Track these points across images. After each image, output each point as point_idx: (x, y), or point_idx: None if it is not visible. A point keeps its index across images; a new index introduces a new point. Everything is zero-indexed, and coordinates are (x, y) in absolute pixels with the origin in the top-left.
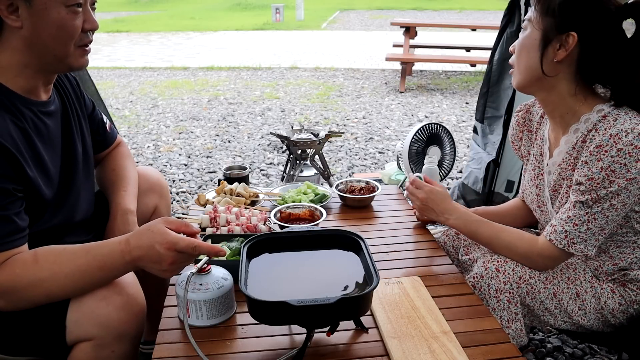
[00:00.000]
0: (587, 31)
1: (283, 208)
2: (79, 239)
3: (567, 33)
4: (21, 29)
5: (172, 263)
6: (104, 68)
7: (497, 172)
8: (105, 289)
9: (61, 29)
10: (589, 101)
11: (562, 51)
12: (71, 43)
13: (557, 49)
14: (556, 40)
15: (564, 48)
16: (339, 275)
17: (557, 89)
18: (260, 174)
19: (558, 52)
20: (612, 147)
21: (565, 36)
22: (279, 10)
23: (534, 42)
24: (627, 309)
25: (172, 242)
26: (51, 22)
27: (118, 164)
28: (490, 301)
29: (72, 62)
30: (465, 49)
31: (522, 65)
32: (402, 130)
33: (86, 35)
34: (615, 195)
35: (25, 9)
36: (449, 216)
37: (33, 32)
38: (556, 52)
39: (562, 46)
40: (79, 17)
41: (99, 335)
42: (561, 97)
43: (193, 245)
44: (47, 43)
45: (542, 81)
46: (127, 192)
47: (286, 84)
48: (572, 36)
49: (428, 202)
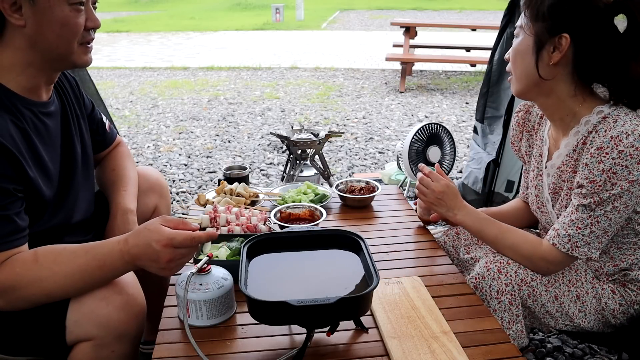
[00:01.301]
0: (579, 31)
1: (283, 208)
2: (79, 238)
3: (560, 35)
4: (24, 28)
5: (170, 260)
6: (104, 68)
7: (497, 172)
8: (105, 289)
9: (65, 27)
10: (588, 102)
11: (556, 53)
12: (74, 41)
13: (552, 52)
14: (549, 44)
15: (558, 50)
16: (339, 275)
17: (556, 91)
18: (260, 174)
19: (553, 55)
20: (613, 149)
21: (557, 38)
22: (279, 10)
23: (528, 47)
24: (627, 309)
25: (169, 238)
26: (55, 20)
27: (118, 163)
28: (492, 302)
29: (76, 60)
30: (465, 49)
31: (519, 72)
32: (402, 130)
33: (88, 33)
34: (617, 197)
35: (28, 7)
36: (458, 212)
37: (36, 30)
38: (551, 55)
39: (556, 49)
40: (82, 15)
41: (98, 335)
42: (560, 99)
43: (191, 237)
44: (51, 41)
45: (540, 86)
46: (127, 191)
47: (286, 84)
48: (565, 38)
49: (444, 195)
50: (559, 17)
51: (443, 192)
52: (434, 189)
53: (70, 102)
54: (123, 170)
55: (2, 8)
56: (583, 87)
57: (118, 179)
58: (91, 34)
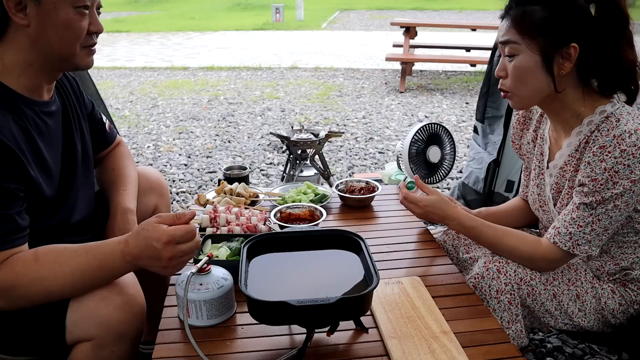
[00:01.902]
0: (584, 37)
1: (283, 208)
2: (79, 238)
3: (568, 45)
4: (28, 27)
5: (172, 258)
6: (104, 68)
7: (498, 172)
8: (105, 290)
9: (68, 29)
10: (591, 102)
11: (567, 64)
12: (77, 44)
13: (561, 63)
14: (557, 56)
15: (568, 60)
16: (339, 275)
17: (563, 97)
18: (260, 174)
19: (563, 66)
20: (615, 148)
21: (565, 49)
22: (279, 10)
23: (535, 65)
24: (627, 309)
25: (169, 235)
26: (59, 22)
27: (118, 163)
28: (491, 302)
29: (79, 62)
30: (465, 49)
31: (527, 90)
32: (402, 130)
33: (91, 37)
34: (619, 196)
35: (33, 7)
36: (450, 222)
37: (40, 30)
38: (561, 66)
39: (564, 59)
40: (86, 18)
41: (98, 335)
42: (565, 103)
43: (191, 228)
44: (53, 42)
45: (550, 96)
46: (127, 191)
47: (286, 84)
48: (574, 47)
49: (427, 214)
50: (562, 29)
51: (424, 213)
52: (414, 210)
53: (71, 101)
54: (123, 169)
55: (7, 7)
56: (587, 88)
57: (118, 179)
58: (94, 38)
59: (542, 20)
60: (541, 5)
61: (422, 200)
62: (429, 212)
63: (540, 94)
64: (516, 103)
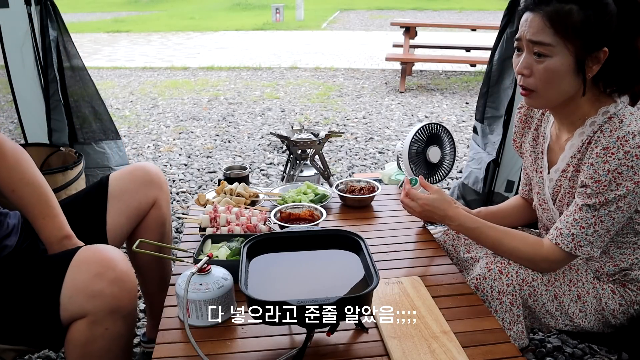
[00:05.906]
0: (616, 42)
1: (283, 208)
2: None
3: (599, 49)
4: None
5: None
6: (104, 68)
7: (497, 172)
8: (98, 265)
9: None
10: (596, 102)
11: (595, 67)
12: None
13: (590, 66)
14: (588, 59)
15: (596, 64)
16: (339, 275)
17: (579, 99)
18: (260, 174)
19: (592, 69)
20: (619, 149)
21: (596, 53)
22: (279, 10)
23: (567, 68)
24: (627, 309)
25: None
26: None
27: (14, 180)
28: (493, 303)
29: None
30: (465, 49)
31: (555, 92)
32: (402, 130)
33: None
34: (622, 198)
35: None
36: (450, 222)
37: None
38: (590, 69)
39: (593, 62)
40: None
41: (92, 310)
42: (580, 105)
43: None
44: None
45: (569, 98)
46: (48, 216)
47: (286, 84)
48: (604, 51)
49: (426, 212)
50: (598, 32)
51: (423, 211)
52: (413, 209)
53: None
54: (26, 187)
55: None
56: (595, 89)
57: (28, 204)
58: None
59: (582, 23)
60: (579, 6)
61: (423, 198)
62: (429, 211)
63: (565, 96)
64: (538, 103)
